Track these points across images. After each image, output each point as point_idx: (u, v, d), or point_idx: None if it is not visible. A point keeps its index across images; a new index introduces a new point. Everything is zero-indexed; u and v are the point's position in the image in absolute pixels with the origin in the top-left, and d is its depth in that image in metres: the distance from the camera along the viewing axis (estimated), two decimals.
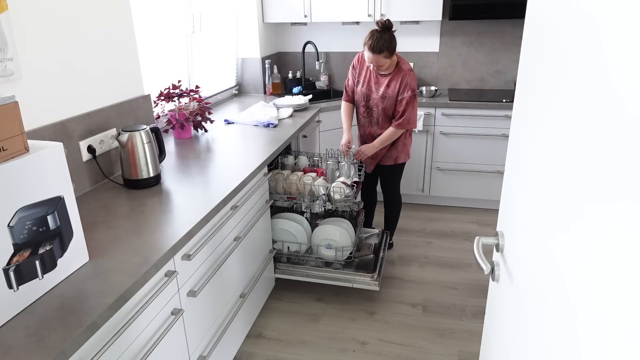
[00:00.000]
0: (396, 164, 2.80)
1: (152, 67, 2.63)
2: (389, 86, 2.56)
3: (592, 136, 0.65)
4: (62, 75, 1.73)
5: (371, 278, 2.45)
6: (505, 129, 3.37)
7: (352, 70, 2.74)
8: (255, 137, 2.60)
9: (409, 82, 2.52)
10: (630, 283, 0.54)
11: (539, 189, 0.86)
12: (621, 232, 0.56)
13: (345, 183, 2.39)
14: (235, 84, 3.81)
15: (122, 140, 1.87)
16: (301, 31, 4.05)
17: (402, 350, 2.23)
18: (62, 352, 1.01)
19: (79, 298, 1.18)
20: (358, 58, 2.69)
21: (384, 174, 2.89)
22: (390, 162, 2.79)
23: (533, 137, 0.91)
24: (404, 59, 2.61)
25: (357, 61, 2.70)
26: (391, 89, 2.56)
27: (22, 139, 1.12)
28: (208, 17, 3.23)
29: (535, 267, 0.86)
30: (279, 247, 2.54)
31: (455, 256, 3.04)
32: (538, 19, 0.91)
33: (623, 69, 0.57)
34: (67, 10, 1.74)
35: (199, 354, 1.73)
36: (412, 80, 2.53)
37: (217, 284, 1.85)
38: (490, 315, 1.25)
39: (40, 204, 1.16)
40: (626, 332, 0.54)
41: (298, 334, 2.37)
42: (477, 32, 3.70)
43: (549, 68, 0.83)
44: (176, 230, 1.52)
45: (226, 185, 1.89)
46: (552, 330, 0.77)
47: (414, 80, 2.55)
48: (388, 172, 2.85)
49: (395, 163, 2.79)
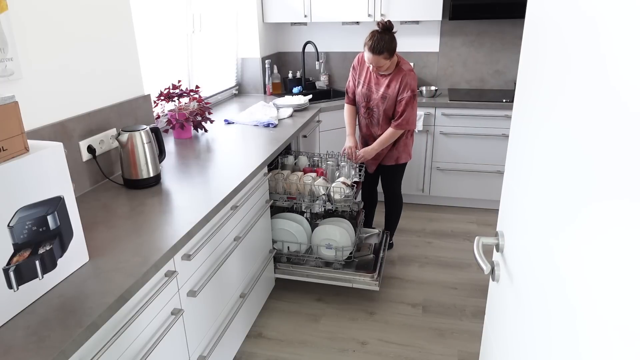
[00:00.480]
0: (397, 164, 2.80)
1: (152, 67, 2.63)
2: (389, 86, 2.56)
3: (592, 136, 0.65)
4: (62, 75, 1.73)
5: (371, 278, 2.45)
6: (505, 129, 3.37)
7: (353, 71, 2.73)
8: (255, 137, 2.60)
9: (409, 82, 2.51)
10: (630, 283, 0.54)
11: (539, 188, 0.86)
12: (621, 231, 0.56)
13: (346, 183, 2.39)
14: (235, 84, 3.81)
15: (122, 140, 1.87)
16: (301, 31, 4.05)
17: (402, 350, 2.23)
18: (62, 352, 1.01)
19: (79, 298, 1.18)
20: (358, 59, 2.69)
21: (385, 174, 2.88)
22: (391, 162, 2.79)
23: (533, 137, 0.91)
24: (405, 59, 2.60)
25: (357, 62, 2.69)
26: (391, 89, 2.56)
27: (22, 139, 1.12)
28: (208, 17, 3.23)
29: (535, 267, 0.86)
30: (279, 247, 2.54)
31: (455, 256, 3.04)
32: (538, 19, 0.91)
33: (622, 68, 0.57)
34: (67, 11, 1.74)
35: (199, 354, 1.73)
36: (412, 80, 2.52)
37: (217, 284, 1.85)
38: (490, 315, 1.25)
39: (40, 204, 1.16)
40: (625, 332, 0.54)
41: (298, 334, 2.37)
42: (477, 32, 3.70)
43: (549, 68, 0.83)
44: (176, 230, 1.52)
45: (226, 185, 1.89)
46: (552, 330, 0.77)
47: (414, 80, 2.54)
48: (389, 172, 2.85)
49: (396, 163, 2.79)
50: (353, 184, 2.46)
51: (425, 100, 3.45)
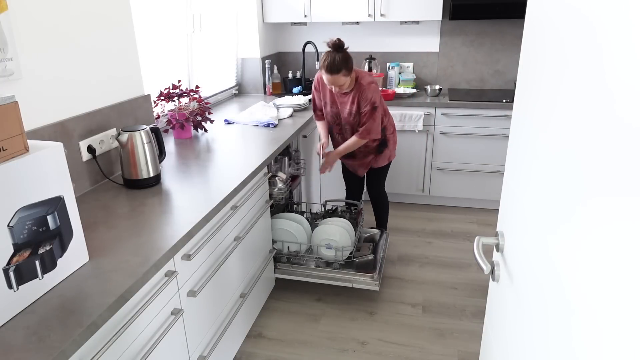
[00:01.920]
0: (389, 162, 2.86)
1: (152, 67, 2.63)
2: (354, 103, 2.57)
3: (592, 136, 0.65)
4: (62, 75, 1.73)
5: (371, 278, 2.45)
6: (505, 129, 3.37)
7: (315, 92, 2.75)
8: (255, 137, 2.60)
9: (368, 96, 2.51)
10: (629, 283, 0.54)
11: (539, 188, 0.86)
12: (621, 231, 0.56)
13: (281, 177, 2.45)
14: (235, 84, 3.81)
15: (122, 140, 1.87)
16: (301, 31, 4.05)
17: (402, 350, 2.23)
18: (62, 352, 1.01)
19: (79, 298, 1.18)
20: (317, 80, 2.71)
21: (374, 175, 2.92)
22: (384, 162, 2.83)
23: (533, 137, 0.91)
24: (365, 72, 2.59)
25: (318, 83, 2.70)
26: (356, 105, 2.57)
27: (22, 139, 1.12)
28: (208, 17, 3.24)
29: (535, 267, 0.86)
30: (279, 247, 2.54)
31: (455, 256, 3.04)
32: (538, 19, 0.91)
33: (620, 69, 0.57)
34: (67, 11, 1.74)
35: (199, 354, 1.73)
36: (371, 93, 2.51)
37: (217, 284, 1.85)
38: (490, 315, 1.25)
39: (40, 204, 1.16)
40: (624, 332, 0.54)
41: (298, 334, 2.37)
42: (477, 32, 3.70)
43: (549, 68, 0.83)
44: (176, 230, 1.52)
45: (226, 185, 1.89)
46: (551, 330, 0.77)
47: (375, 92, 2.52)
48: (379, 173, 2.89)
49: (388, 162, 2.85)
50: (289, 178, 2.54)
51: (429, 100, 3.46)
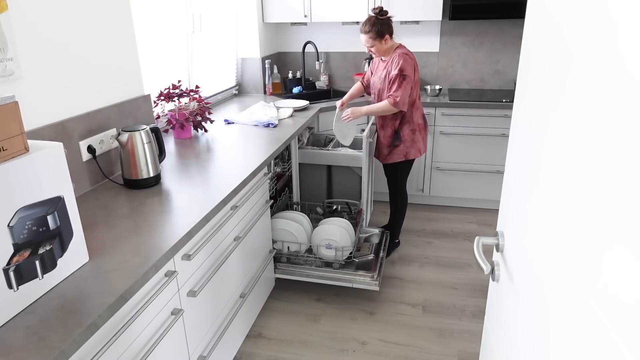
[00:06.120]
0: (405, 160, 2.82)
1: (152, 67, 2.63)
2: (385, 69, 2.72)
3: (593, 136, 0.65)
4: (62, 75, 1.73)
5: (371, 278, 2.45)
6: (505, 129, 3.37)
7: (371, 62, 2.94)
8: (255, 137, 2.60)
9: (399, 62, 2.61)
10: (629, 283, 0.54)
11: (539, 188, 0.86)
12: (621, 231, 0.56)
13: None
14: (235, 84, 3.81)
15: (122, 140, 1.87)
16: (301, 31, 4.05)
17: (402, 350, 2.23)
18: (62, 352, 1.01)
19: (79, 298, 1.18)
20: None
21: (390, 171, 2.90)
22: (399, 158, 2.81)
23: (533, 137, 0.91)
24: (404, 47, 2.70)
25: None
26: (386, 71, 2.71)
27: (22, 139, 1.12)
28: (208, 17, 3.23)
29: (535, 267, 0.86)
30: (279, 247, 2.54)
31: (455, 256, 3.04)
32: (538, 18, 0.91)
33: (625, 68, 0.57)
34: (67, 11, 1.74)
35: (199, 354, 1.73)
36: (403, 61, 2.60)
37: (217, 284, 1.85)
38: (490, 315, 1.25)
39: (40, 204, 1.16)
40: (624, 332, 0.54)
41: (298, 334, 2.37)
42: (477, 32, 3.70)
43: (549, 68, 0.83)
44: (176, 230, 1.52)
45: (226, 185, 1.89)
46: (551, 330, 0.77)
47: (407, 62, 2.60)
48: (394, 169, 2.87)
49: (405, 159, 2.81)
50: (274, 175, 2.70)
51: (429, 100, 3.45)
